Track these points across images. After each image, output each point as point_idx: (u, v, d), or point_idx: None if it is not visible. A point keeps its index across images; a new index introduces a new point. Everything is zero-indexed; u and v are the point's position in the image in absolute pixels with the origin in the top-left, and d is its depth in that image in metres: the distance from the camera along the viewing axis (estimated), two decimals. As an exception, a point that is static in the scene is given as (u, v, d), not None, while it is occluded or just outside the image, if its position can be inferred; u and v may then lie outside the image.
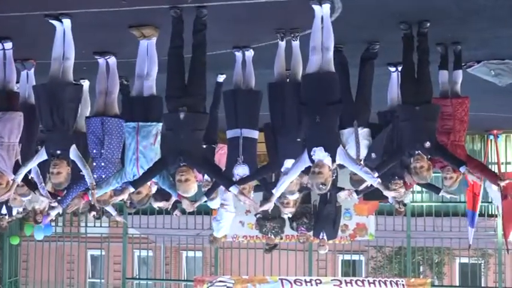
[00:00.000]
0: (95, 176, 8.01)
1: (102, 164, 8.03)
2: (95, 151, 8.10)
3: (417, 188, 17.71)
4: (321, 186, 6.86)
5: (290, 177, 7.22)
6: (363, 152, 8.46)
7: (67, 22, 7.37)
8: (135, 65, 7.81)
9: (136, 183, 7.31)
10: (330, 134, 6.92)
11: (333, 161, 6.83)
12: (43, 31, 7.43)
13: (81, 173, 7.73)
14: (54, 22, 7.39)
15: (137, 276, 24.52)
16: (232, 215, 11.07)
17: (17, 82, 8.72)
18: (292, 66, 8.05)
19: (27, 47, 8.25)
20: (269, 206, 7.75)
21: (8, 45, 8.09)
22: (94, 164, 8.10)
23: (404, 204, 10.08)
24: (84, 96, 9.41)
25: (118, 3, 6.96)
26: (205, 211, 11.36)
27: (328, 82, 7.03)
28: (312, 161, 6.82)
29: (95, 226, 19.25)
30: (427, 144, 7.55)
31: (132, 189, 7.26)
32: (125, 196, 7.38)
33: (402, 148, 7.84)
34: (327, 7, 6.91)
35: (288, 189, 7.62)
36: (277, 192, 7.33)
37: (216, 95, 9.59)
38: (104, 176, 8.02)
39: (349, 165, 7.06)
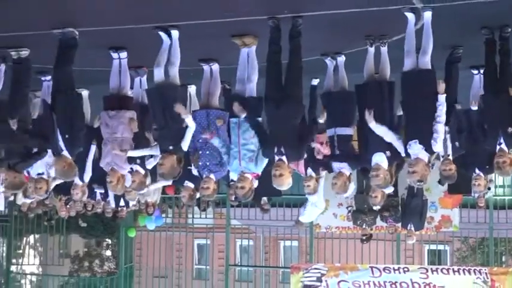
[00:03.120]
0: (200, 163, 8.02)
1: (207, 152, 8.03)
2: (200, 141, 8.11)
3: (499, 182, 17.48)
4: (418, 183, 6.95)
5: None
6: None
7: (175, 33, 7.48)
8: (236, 71, 7.86)
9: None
10: (425, 127, 6.82)
11: (430, 152, 6.81)
12: (155, 41, 7.55)
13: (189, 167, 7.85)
14: (162, 34, 7.51)
15: (239, 263, 24.71)
16: (318, 210, 11.03)
17: (131, 88, 8.88)
18: (380, 70, 7.98)
19: (140, 56, 8.38)
20: None
21: (124, 54, 8.25)
22: (200, 152, 8.07)
23: (489, 188, 9.81)
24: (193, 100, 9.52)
25: (222, 15, 7.05)
26: (301, 204, 11.33)
27: (424, 78, 7.01)
28: (408, 154, 6.81)
29: (200, 218, 19.45)
30: (510, 129, 7.40)
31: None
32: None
33: (485, 135, 7.70)
34: (428, 14, 6.88)
35: (377, 182, 7.57)
36: None
37: (312, 97, 9.54)
38: (208, 164, 7.96)
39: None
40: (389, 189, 8.20)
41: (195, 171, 8.11)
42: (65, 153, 7.65)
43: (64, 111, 7.75)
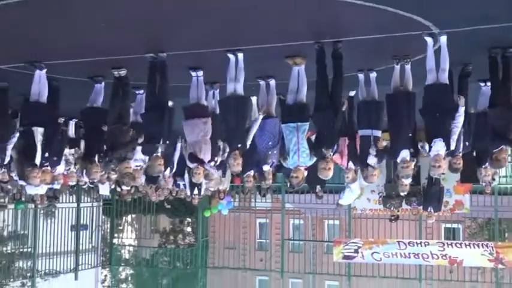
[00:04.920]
0: (274, 160, 8.11)
1: (275, 151, 8.06)
2: (270, 143, 8.07)
3: (503, 173, 17.21)
4: (441, 175, 6.88)
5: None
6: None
7: (241, 55, 7.50)
8: (287, 85, 7.83)
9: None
10: (445, 129, 6.79)
11: (448, 149, 6.80)
12: (225, 62, 7.58)
13: None
14: (231, 55, 7.53)
15: (292, 238, 24.69)
16: (354, 196, 10.97)
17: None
18: (404, 83, 7.84)
19: (214, 73, 8.40)
20: None
21: (200, 73, 8.24)
22: (269, 153, 8.09)
23: (494, 179, 9.63)
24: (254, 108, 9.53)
25: (276, 39, 7.05)
26: (341, 190, 11.29)
27: (444, 90, 6.99)
28: (430, 148, 6.81)
29: (261, 201, 19.51)
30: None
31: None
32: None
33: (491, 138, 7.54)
34: (444, 38, 6.80)
35: (406, 173, 7.48)
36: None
37: (350, 105, 9.39)
38: (274, 161, 8.09)
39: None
40: (409, 180, 8.16)
41: (266, 167, 8.26)
42: (159, 154, 7.78)
43: (168, 123, 7.93)
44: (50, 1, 5.76)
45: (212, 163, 8.01)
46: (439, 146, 6.78)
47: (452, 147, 6.86)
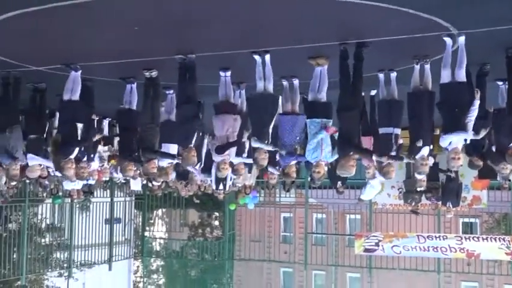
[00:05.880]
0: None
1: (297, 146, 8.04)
2: (298, 138, 7.86)
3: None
4: (460, 167, 6.92)
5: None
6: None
7: (267, 56, 7.43)
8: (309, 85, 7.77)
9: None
10: (462, 124, 6.74)
11: (465, 141, 6.81)
12: (252, 63, 7.54)
13: None
14: (256, 57, 7.47)
15: (315, 231, 24.63)
16: (375, 191, 10.88)
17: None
18: (424, 83, 7.73)
19: (240, 73, 8.37)
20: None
21: (228, 73, 8.20)
22: (296, 147, 8.02)
23: (509, 180, 9.50)
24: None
25: (302, 42, 7.00)
26: (362, 186, 11.22)
27: (462, 88, 6.91)
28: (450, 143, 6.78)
29: (285, 196, 19.47)
30: None
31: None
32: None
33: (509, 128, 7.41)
34: (462, 38, 6.71)
35: (422, 170, 7.41)
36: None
37: (372, 104, 9.28)
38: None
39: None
40: (423, 176, 8.11)
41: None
42: (192, 146, 7.80)
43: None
44: (86, 6, 5.79)
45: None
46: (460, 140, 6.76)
47: (468, 140, 6.83)
